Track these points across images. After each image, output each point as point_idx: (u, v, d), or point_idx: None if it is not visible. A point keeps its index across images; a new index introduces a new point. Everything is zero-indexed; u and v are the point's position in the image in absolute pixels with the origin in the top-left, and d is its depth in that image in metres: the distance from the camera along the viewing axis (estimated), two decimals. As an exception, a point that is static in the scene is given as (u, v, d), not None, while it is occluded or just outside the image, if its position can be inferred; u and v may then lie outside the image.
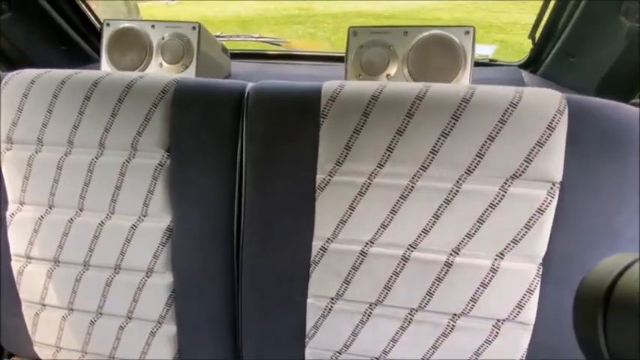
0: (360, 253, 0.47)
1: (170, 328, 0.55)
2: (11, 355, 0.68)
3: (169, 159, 0.50)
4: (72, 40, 0.76)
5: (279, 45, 0.92)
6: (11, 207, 0.56)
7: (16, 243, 0.57)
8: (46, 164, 0.53)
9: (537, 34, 0.70)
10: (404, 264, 0.46)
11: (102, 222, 0.53)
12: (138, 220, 0.52)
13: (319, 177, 0.46)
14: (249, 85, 0.51)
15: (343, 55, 0.59)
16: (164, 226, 0.52)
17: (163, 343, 0.56)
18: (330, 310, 0.49)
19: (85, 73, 0.53)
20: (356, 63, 0.57)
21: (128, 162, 0.51)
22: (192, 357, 0.56)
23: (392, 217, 0.46)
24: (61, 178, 0.53)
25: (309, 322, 0.50)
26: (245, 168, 0.49)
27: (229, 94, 0.49)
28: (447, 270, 0.45)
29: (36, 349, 0.63)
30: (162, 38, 0.64)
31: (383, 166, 0.45)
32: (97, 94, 0.51)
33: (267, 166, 0.48)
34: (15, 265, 0.58)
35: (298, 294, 0.50)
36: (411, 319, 0.47)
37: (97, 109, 0.51)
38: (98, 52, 0.71)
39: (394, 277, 0.46)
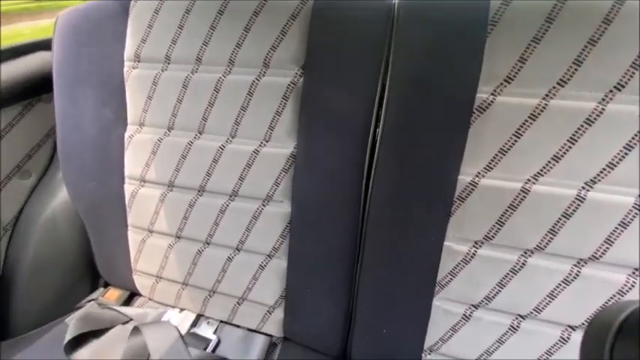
0: (522, 191, 0.39)
1: (280, 264, 0.51)
2: (107, 285, 0.67)
3: (303, 77, 0.45)
4: None
5: None
6: (130, 129, 0.54)
7: (131, 165, 0.55)
8: (171, 83, 0.51)
9: None
10: (578, 204, 0.38)
11: (222, 146, 0.50)
12: (260, 145, 0.48)
13: (480, 96, 0.39)
14: None
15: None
16: (288, 152, 0.47)
17: (271, 279, 0.52)
18: (473, 255, 0.42)
19: None
20: None
21: (258, 80, 0.47)
22: (299, 298, 0.51)
23: (568, 148, 0.37)
24: (184, 98, 0.50)
25: (444, 268, 0.43)
26: (388, 92, 0.42)
27: (376, 9, 0.43)
28: (636, 214, 0.36)
29: (135, 278, 0.61)
30: None
31: (565, 84, 0.37)
32: (231, 7, 0.47)
33: (416, 87, 0.41)
34: (128, 189, 0.56)
35: (434, 234, 0.43)
36: (577, 272, 0.39)
37: (229, 24, 0.47)
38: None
39: (563, 220, 0.38)
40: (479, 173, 0.41)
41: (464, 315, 0.44)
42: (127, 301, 0.64)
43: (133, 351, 0.53)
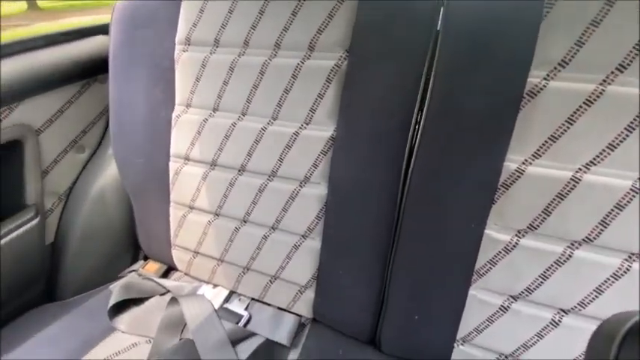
0: (572, 179, 0.37)
1: (314, 244, 0.51)
2: (146, 258, 0.70)
3: (347, 60, 0.45)
4: None
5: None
6: (177, 109, 0.57)
7: (177, 144, 0.57)
8: (218, 65, 0.52)
9: None
10: (632, 196, 0.36)
11: (264, 127, 0.51)
12: (300, 128, 0.49)
13: (531, 81, 0.38)
14: None
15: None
16: (327, 134, 0.48)
17: (304, 259, 0.52)
18: (515, 245, 0.41)
19: None
20: None
21: (302, 63, 0.47)
22: (331, 279, 0.52)
23: (625, 136, 0.36)
24: (230, 81, 0.52)
25: (483, 257, 0.42)
26: (434, 76, 0.42)
27: None
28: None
29: (173, 252, 0.63)
30: None
31: (624, 69, 0.35)
32: None
33: (463, 72, 0.41)
34: (172, 166, 0.59)
35: (475, 222, 0.42)
36: (628, 267, 0.37)
37: (278, 8, 0.48)
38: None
39: (616, 211, 0.36)
40: (526, 160, 0.39)
41: (502, 306, 0.43)
42: (164, 275, 0.67)
43: (170, 319, 0.56)
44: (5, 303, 0.60)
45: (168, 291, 0.61)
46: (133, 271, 0.66)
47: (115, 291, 0.60)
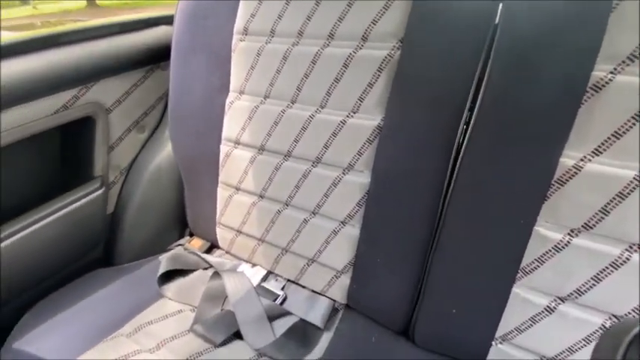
0: (635, 179, 0.35)
1: (353, 231, 0.52)
2: (192, 234, 0.74)
3: (400, 50, 0.46)
4: None
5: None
6: (231, 95, 0.60)
7: (228, 129, 0.60)
8: (272, 55, 0.55)
9: None
10: None
11: (312, 115, 0.52)
12: (348, 116, 0.50)
13: (596, 74, 0.36)
14: None
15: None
16: (374, 123, 0.48)
17: (342, 245, 0.53)
18: (566, 244, 0.39)
19: None
20: None
21: (354, 53, 0.48)
22: (368, 267, 0.52)
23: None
24: (283, 69, 0.54)
25: (530, 254, 0.41)
26: (490, 68, 0.41)
27: None
28: None
29: (217, 230, 0.67)
30: None
31: None
32: None
33: (522, 64, 0.39)
34: (223, 149, 0.62)
35: (524, 217, 0.41)
36: (696, 276, 0.34)
37: (334, -1, 0.49)
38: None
39: (685, 215, 0.34)
40: (585, 157, 0.38)
41: (547, 307, 0.41)
42: (207, 251, 0.70)
43: (212, 291, 0.59)
44: (67, 264, 0.66)
45: (211, 266, 0.65)
46: (180, 245, 0.70)
47: (164, 261, 0.64)
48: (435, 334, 0.50)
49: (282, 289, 0.61)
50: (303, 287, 0.60)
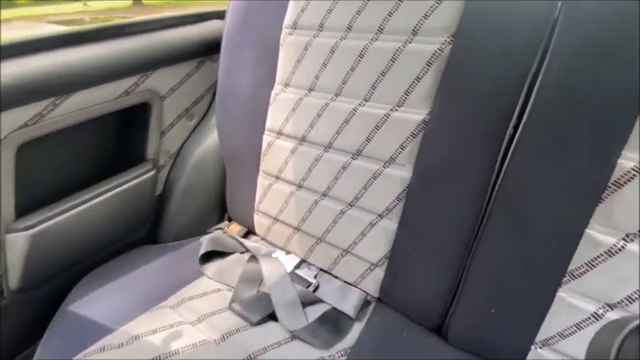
0: None
1: (391, 225, 0.52)
2: (230, 220, 0.78)
3: (451, 45, 0.45)
4: None
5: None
6: (276, 88, 0.62)
7: (272, 119, 0.63)
8: (320, 49, 0.56)
9: None
10: None
11: (355, 108, 0.53)
12: (392, 110, 0.50)
13: None
14: None
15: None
16: (419, 118, 0.48)
17: (378, 238, 0.54)
18: (620, 249, 0.37)
19: None
20: None
21: (403, 47, 0.49)
22: (404, 262, 0.52)
23: None
24: (329, 63, 0.55)
25: (579, 258, 0.39)
26: (546, 68, 0.40)
27: None
28: None
29: (255, 217, 0.69)
30: None
31: None
32: None
33: (584, 63, 0.38)
34: (265, 139, 0.64)
35: (575, 219, 0.39)
36: None
37: (385, -6, 0.50)
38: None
39: None
40: None
41: (594, 313, 0.39)
42: (244, 237, 0.73)
43: (249, 273, 0.61)
44: (117, 239, 0.71)
45: (248, 250, 0.67)
46: (219, 229, 0.73)
47: (205, 242, 0.67)
48: (471, 334, 0.49)
49: (315, 277, 0.62)
50: (336, 277, 0.61)
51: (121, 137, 0.72)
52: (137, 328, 0.51)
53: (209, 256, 0.66)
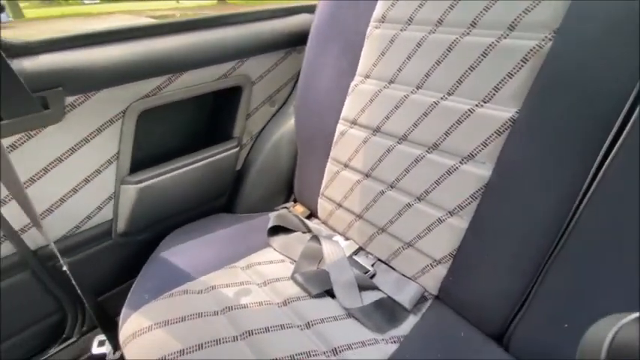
0: None
1: (461, 223, 0.51)
2: (295, 201, 0.82)
3: (552, 41, 0.42)
4: None
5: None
6: (356, 79, 0.63)
7: (348, 109, 0.64)
8: (406, 42, 0.56)
9: None
10: None
11: (436, 102, 0.52)
12: (477, 105, 0.48)
13: None
14: None
15: None
16: (507, 115, 0.45)
17: (445, 234, 0.52)
18: None
19: None
20: None
21: (497, 42, 0.46)
22: (472, 262, 0.50)
23: None
24: (415, 55, 0.55)
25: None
26: None
27: None
28: None
29: (319, 201, 0.72)
30: None
31: None
32: None
33: None
34: (339, 128, 0.66)
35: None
36: None
37: (483, -12, 0.48)
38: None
39: None
40: None
41: None
42: (307, 219, 0.76)
43: (310, 251, 0.64)
44: (199, 205, 0.80)
45: (310, 230, 0.70)
46: (285, 208, 0.78)
47: (273, 217, 0.72)
48: (535, 346, 0.45)
49: (372, 266, 0.63)
50: (393, 269, 0.61)
51: (215, 116, 0.81)
52: (214, 280, 0.57)
53: (275, 231, 0.71)
